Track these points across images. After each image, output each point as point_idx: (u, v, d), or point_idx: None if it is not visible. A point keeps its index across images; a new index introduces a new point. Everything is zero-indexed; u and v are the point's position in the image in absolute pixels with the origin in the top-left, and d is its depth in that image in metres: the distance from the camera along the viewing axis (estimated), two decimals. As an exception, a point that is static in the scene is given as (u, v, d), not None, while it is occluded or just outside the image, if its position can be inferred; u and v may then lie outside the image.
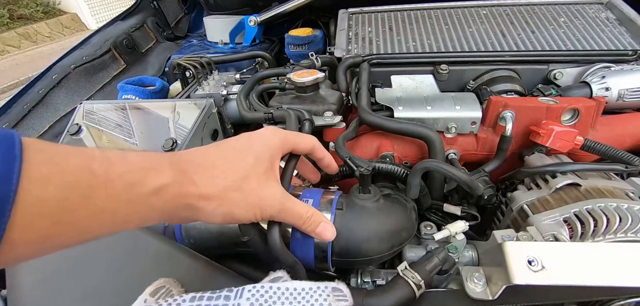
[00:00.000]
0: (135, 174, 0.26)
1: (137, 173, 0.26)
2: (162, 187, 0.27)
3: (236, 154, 0.32)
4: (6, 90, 4.27)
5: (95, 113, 0.63)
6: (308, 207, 0.34)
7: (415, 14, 0.77)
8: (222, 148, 0.33)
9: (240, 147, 0.33)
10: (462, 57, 0.63)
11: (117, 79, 0.94)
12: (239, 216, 0.31)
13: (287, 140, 0.36)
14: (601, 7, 0.71)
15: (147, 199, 0.26)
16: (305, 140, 0.38)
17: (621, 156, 0.44)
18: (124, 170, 0.25)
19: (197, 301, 0.27)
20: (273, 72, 0.72)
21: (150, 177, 0.26)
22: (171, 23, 1.18)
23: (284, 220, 0.33)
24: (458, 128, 0.53)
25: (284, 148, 0.36)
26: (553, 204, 0.41)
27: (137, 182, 0.26)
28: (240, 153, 0.33)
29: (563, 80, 0.60)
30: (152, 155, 0.28)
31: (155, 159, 0.28)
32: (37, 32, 5.96)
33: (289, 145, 0.36)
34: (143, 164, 0.26)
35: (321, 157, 0.40)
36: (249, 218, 0.32)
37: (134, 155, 0.27)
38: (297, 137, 0.37)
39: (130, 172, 0.25)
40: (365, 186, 0.37)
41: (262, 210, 0.32)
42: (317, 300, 0.27)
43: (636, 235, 0.33)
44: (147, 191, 0.26)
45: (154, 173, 0.26)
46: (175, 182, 0.28)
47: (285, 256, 0.34)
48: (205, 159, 0.31)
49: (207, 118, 0.62)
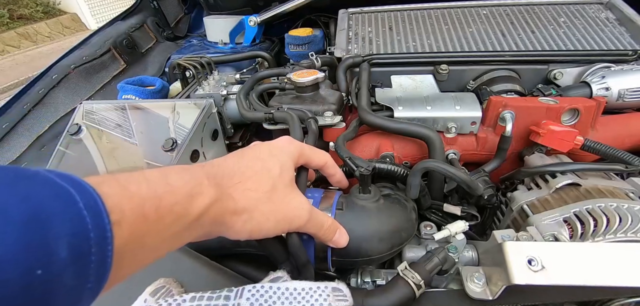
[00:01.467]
0: (180, 205, 0.24)
1: (182, 203, 0.25)
2: (203, 212, 0.26)
3: (262, 164, 0.32)
4: (6, 90, 4.27)
5: (95, 113, 0.63)
6: (328, 216, 0.34)
7: (415, 14, 0.77)
8: (247, 159, 0.32)
9: (264, 157, 0.33)
10: (462, 57, 0.63)
11: (117, 79, 0.94)
12: (267, 231, 0.30)
13: (303, 153, 0.36)
14: (601, 7, 0.71)
15: (190, 226, 0.25)
16: (319, 155, 0.38)
17: (621, 156, 0.44)
18: (172, 202, 0.24)
19: (197, 301, 0.27)
20: (273, 72, 0.72)
21: (194, 203, 0.25)
22: (171, 23, 1.18)
23: (307, 230, 0.33)
24: (458, 128, 0.53)
25: (299, 160, 0.35)
26: (553, 204, 0.41)
27: (183, 213, 0.25)
28: (266, 164, 0.32)
29: (563, 80, 0.60)
30: (191, 172, 0.27)
31: (196, 178, 0.26)
32: (37, 32, 5.96)
33: (304, 158, 0.36)
34: (186, 190, 0.25)
35: (332, 173, 0.40)
36: (277, 232, 0.31)
37: (174, 177, 0.25)
38: (312, 151, 0.37)
39: (177, 203, 0.24)
40: (365, 186, 0.37)
41: (290, 222, 0.31)
42: (317, 300, 0.27)
43: (636, 235, 0.33)
44: (191, 220, 0.25)
45: (196, 200, 0.25)
46: (216, 199, 0.27)
47: (301, 255, 0.34)
48: (238, 169, 0.30)
49: (207, 118, 0.62)
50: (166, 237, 0.24)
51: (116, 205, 0.20)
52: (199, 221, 0.26)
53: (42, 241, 0.16)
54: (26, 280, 0.15)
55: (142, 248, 0.22)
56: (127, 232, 0.20)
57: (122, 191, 0.21)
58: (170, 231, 0.24)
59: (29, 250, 0.15)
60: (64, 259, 0.16)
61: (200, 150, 0.60)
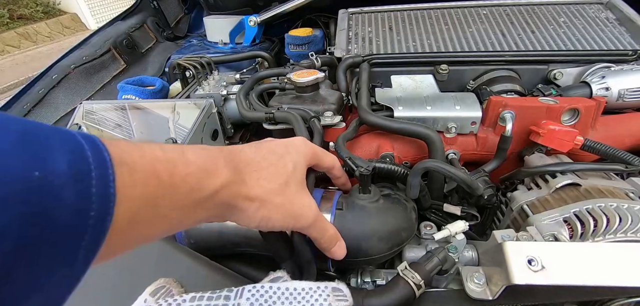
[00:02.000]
0: (194, 176, 0.25)
1: (197, 174, 0.25)
2: (218, 190, 0.26)
3: (278, 158, 0.32)
4: (6, 90, 4.27)
5: (95, 113, 0.63)
6: (331, 225, 0.34)
7: (415, 14, 0.77)
8: (265, 151, 0.33)
9: (281, 152, 0.33)
10: (462, 57, 0.63)
11: (117, 79, 0.94)
12: (275, 222, 0.31)
13: (316, 154, 0.36)
14: (601, 7, 0.71)
15: (204, 203, 0.26)
16: (328, 158, 0.38)
17: (621, 156, 0.44)
18: (186, 172, 0.24)
19: (197, 301, 0.27)
20: (273, 72, 0.72)
21: (209, 180, 0.26)
22: (171, 23, 1.18)
23: (310, 233, 0.33)
24: (458, 128, 0.53)
25: (311, 161, 0.36)
26: (553, 204, 0.41)
27: (196, 186, 0.25)
28: (282, 159, 0.33)
29: (563, 80, 0.60)
30: (209, 151, 0.27)
31: (213, 158, 0.27)
32: (37, 32, 5.96)
33: (315, 159, 0.36)
34: (202, 165, 0.26)
35: (338, 176, 0.41)
36: (283, 226, 0.32)
37: (191, 153, 0.26)
38: (324, 153, 0.38)
39: (191, 174, 0.25)
40: (365, 186, 0.37)
41: (296, 219, 0.31)
42: (317, 300, 0.27)
43: (636, 235, 0.33)
44: (205, 195, 0.26)
45: (212, 177, 0.26)
46: (231, 181, 0.27)
47: (305, 252, 0.34)
48: (255, 159, 0.31)
49: (207, 118, 0.62)
50: (180, 207, 0.24)
51: (126, 152, 0.21)
52: (213, 199, 0.26)
53: (40, 148, 0.16)
54: (24, 182, 0.15)
55: (156, 210, 0.22)
56: (141, 186, 0.21)
57: (133, 147, 0.22)
58: (185, 201, 0.24)
59: (26, 149, 0.15)
60: (63, 171, 0.16)
61: (200, 150, 0.60)
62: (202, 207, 0.26)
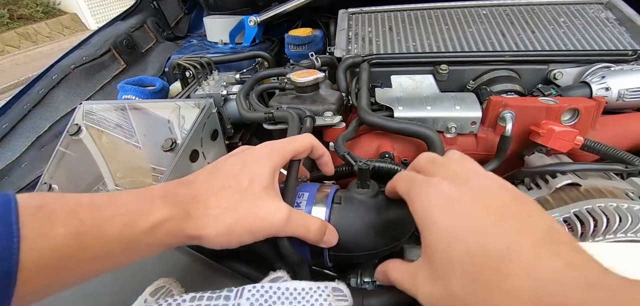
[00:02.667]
0: (124, 217, 0.26)
1: (127, 216, 0.26)
2: (155, 226, 0.27)
3: (230, 179, 0.32)
4: (6, 90, 4.27)
5: (95, 114, 0.63)
6: (315, 218, 0.34)
7: (415, 14, 0.77)
8: (215, 174, 0.33)
9: (235, 171, 0.33)
10: (462, 57, 0.63)
11: (117, 79, 0.94)
12: (238, 240, 0.31)
13: (285, 152, 0.35)
14: (601, 7, 0.71)
15: (142, 238, 0.26)
16: (303, 141, 0.37)
17: (621, 156, 0.44)
18: (112, 213, 0.25)
19: (197, 301, 0.27)
20: (273, 72, 0.72)
21: (141, 218, 0.26)
22: (171, 23, 1.18)
23: (288, 234, 0.32)
24: (458, 128, 0.53)
25: (280, 161, 0.35)
26: (553, 204, 0.41)
27: (128, 223, 0.26)
28: (235, 178, 0.32)
29: (563, 80, 0.60)
30: (145, 193, 0.28)
31: (147, 198, 0.28)
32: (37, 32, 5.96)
33: (288, 155, 0.36)
34: (132, 207, 0.27)
35: (320, 154, 0.40)
36: (249, 240, 0.31)
37: (125, 197, 0.27)
38: (294, 142, 0.36)
39: (120, 215, 0.25)
40: (364, 181, 0.37)
41: (261, 230, 0.31)
42: (317, 300, 0.27)
43: (636, 235, 0.33)
44: (141, 231, 0.26)
45: (144, 216, 0.27)
46: (171, 217, 0.28)
47: (291, 255, 0.34)
48: (200, 188, 0.31)
49: (207, 118, 0.62)
50: (113, 245, 0.25)
51: (43, 201, 0.23)
52: (154, 235, 0.27)
53: None
54: None
55: (84, 252, 0.24)
56: (63, 230, 0.23)
57: (57, 196, 0.24)
58: (117, 241, 0.25)
59: None
60: None
61: (199, 150, 0.60)
62: (144, 242, 0.27)
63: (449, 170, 0.28)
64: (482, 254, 0.21)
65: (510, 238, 0.21)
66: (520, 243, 0.20)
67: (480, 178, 0.26)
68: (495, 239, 0.21)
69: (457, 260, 0.22)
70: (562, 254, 0.19)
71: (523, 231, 0.21)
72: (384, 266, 0.32)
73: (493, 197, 0.24)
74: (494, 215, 0.22)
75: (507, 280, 0.19)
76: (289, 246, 0.33)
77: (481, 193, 0.24)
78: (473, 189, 0.25)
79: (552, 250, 0.20)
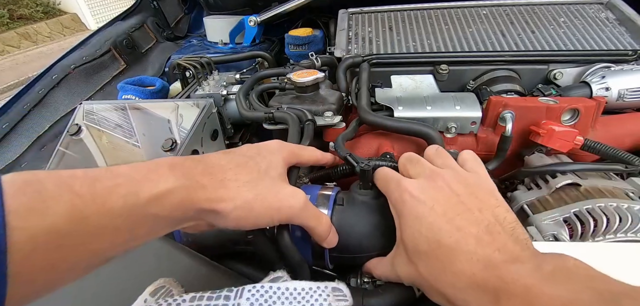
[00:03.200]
0: (126, 186, 0.23)
1: (128, 185, 0.24)
2: (162, 194, 0.25)
3: (248, 160, 0.32)
4: (6, 90, 4.27)
5: (95, 114, 0.63)
6: (322, 212, 0.34)
7: (415, 14, 0.77)
8: (231, 155, 0.32)
9: (251, 155, 0.33)
10: (462, 57, 0.63)
11: (117, 79, 0.94)
12: (254, 219, 0.30)
13: (293, 153, 0.36)
14: (601, 7, 0.71)
15: (147, 208, 0.24)
16: (307, 151, 0.39)
17: (621, 156, 0.44)
18: (112, 184, 0.23)
19: (197, 301, 0.27)
20: (273, 72, 0.72)
21: (145, 185, 0.24)
22: (171, 23, 1.18)
23: (302, 222, 0.32)
24: (458, 128, 0.53)
25: (289, 160, 0.36)
26: (553, 204, 0.41)
27: (130, 192, 0.23)
28: (252, 159, 0.32)
29: (563, 80, 0.60)
30: (148, 163, 0.26)
31: (152, 168, 0.26)
32: (37, 32, 5.96)
33: (293, 158, 0.36)
34: (134, 175, 0.25)
35: (324, 163, 0.42)
36: (265, 222, 0.31)
37: (125, 168, 0.25)
38: (301, 149, 0.38)
39: (120, 185, 0.23)
40: (366, 182, 0.37)
41: (280, 210, 0.30)
42: (317, 300, 0.27)
43: (636, 235, 0.33)
44: (144, 200, 0.24)
45: (149, 183, 0.25)
46: (180, 186, 0.26)
47: (293, 255, 0.34)
48: (214, 163, 0.30)
49: (207, 118, 0.62)
50: (117, 217, 0.23)
51: (31, 177, 0.21)
52: (160, 204, 0.25)
53: None
54: None
55: (84, 223, 0.21)
56: (57, 204, 0.20)
57: (45, 173, 0.22)
58: (121, 211, 0.23)
59: None
60: None
61: (200, 150, 0.60)
62: (149, 213, 0.24)
63: (423, 168, 0.33)
64: (438, 245, 0.27)
65: (458, 231, 0.26)
66: (466, 235, 0.26)
67: (445, 176, 0.31)
68: (447, 233, 0.26)
69: (421, 250, 0.28)
70: (496, 242, 0.25)
71: (470, 225, 0.26)
72: (367, 267, 0.36)
73: (451, 195, 0.29)
74: (450, 213, 0.28)
75: (454, 264, 0.25)
76: (290, 244, 0.33)
77: (441, 193, 0.29)
78: (436, 188, 0.30)
79: (488, 240, 0.25)
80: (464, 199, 0.28)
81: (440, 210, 0.28)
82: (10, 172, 0.21)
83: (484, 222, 0.26)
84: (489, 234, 0.26)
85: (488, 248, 0.25)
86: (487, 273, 0.24)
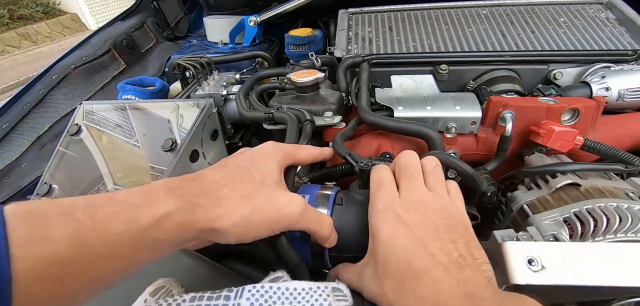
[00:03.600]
0: (126, 213, 0.24)
1: (128, 211, 0.24)
2: (161, 218, 0.25)
3: (242, 172, 0.32)
4: (6, 90, 4.27)
5: (95, 114, 0.63)
6: (325, 214, 0.34)
7: (415, 14, 0.77)
8: (224, 169, 0.32)
9: (245, 165, 0.33)
10: (462, 57, 0.63)
11: (117, 79, 0.94)
12: (255, 232, 0.30)
13: (288, 154, 0.36)
14: (601, 7, 0.71)
15: (148, 233, 0.25)
16: (303, 150, 0.38)
17: (621, 156, 0.44)
18: (112, 211, 0.24)
19: (197, 301, 0.27)
20: (273, 72, 0.72)
21: (144, 210, 0.25)
22: (171, 23, 1.18)
23: (304, 227, 0.32)
24: (458, 128, 0.53)
25: (286, 161, 0.36)
26: (553, 204, 0.41)
27: (130, 218, 0.24)
28: (247, 171, 0.32)
29: (563, 80, 0.60)
30: (145, 187, 0.27)
31: (149, 192, 0.27)
32: (37, 32, 5.97)
33: (289, 158, 0.36)
34: (134, 201, 0.25)
35: (322, 159, 0.41)
36: (266, 233, 0.31)
37: (123, 194, 0.26)
38: (299, 149, 0.38)
39: (120, 211, 0.24)
40: (365, 181, 0.37)
41: (279, 220, 0.31)
42: (317, 300, 0.27)
43: (636, 235, 0.33)
44: (145, 225, 0.25)
45: (148, 209, 0.25)
46: (178, 209, 0.26)
47: (291, 257, 0.34)
48: (209, 181, 0.30)
49: (207, 118, 0.62)
50: (117, 244, 0.23)
51: (33, 207, 0.21)
52: (160, 228, 0.25)
53: None
54: None
55: (85, 249, 0.22)
56: (59, 232, 0.21)
57: (46, 202, 0.23)
58: (122, 237, 0.23)
59: None
60: None
61: (200, 150, 0.60)
62: (150, 237, 0.25)
63: (415, 190, 0.32)
64: (408, 267, 0.27)
65: (430, 257, 0.26)
66: (436, 263, 0.26)
67: (431, 204, 0.31)
68: (419, 258, 0.27)
69: (391, 268, 0.28)
70: (462, 275, 0.25)
71: (442, 254, 0.27)
72: (335, 270, 0.35)
73: (430, 222, 0.29)
74: (425, 238, 0.28)
75: (420, 288, 0.26)
76: (287, 246, 0.33)
77: (422, 218, 0.29)
78: (419, 213, 0.29)
79: (456, 272, 0.26)
80: (440, 229, 0.29)
81: (418, 233, 0.28)
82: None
83: (454, 254, 0.27)
84: (458, 267, 0.26)
85: (454, 280, 0.25)
86: (448, 303, 0.24)
